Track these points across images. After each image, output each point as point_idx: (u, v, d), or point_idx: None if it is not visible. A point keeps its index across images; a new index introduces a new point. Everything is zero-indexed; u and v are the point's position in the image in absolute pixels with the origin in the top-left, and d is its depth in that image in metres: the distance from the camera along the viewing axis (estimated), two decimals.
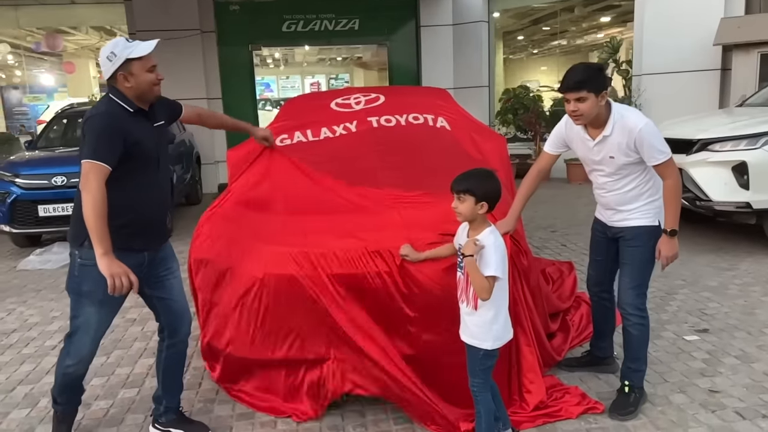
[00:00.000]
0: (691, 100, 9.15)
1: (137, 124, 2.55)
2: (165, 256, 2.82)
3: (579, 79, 2.76)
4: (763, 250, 5.57)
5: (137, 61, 2.52)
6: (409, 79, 11.46)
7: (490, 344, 2.46)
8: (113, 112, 2.51)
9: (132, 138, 2.48)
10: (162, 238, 2.80)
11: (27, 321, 4.68)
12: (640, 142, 2.73)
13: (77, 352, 2.66)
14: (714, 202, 5.45)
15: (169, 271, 2.83)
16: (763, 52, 8.46)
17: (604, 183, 2.98)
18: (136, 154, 2.51)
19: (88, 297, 2.57)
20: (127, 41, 2.56)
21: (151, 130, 2.64)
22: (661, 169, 2.77)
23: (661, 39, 9.57)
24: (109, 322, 2.70)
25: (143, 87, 2.56)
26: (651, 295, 4.51)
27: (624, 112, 2.82)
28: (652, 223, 2.91)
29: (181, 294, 2.89)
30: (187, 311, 2.92)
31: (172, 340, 2.88)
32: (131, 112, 2.55)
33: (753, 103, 6.67)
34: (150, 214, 2.65)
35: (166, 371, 2.92)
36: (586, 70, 2.81)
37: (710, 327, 3.94)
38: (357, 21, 11.56)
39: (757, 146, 5.29)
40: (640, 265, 2.94)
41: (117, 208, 2.43)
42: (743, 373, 3.29)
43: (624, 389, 3.01)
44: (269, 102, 21.51)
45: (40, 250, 6.53)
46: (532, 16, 12.80)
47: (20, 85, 14.40)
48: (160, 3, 10.33)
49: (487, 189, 2.42)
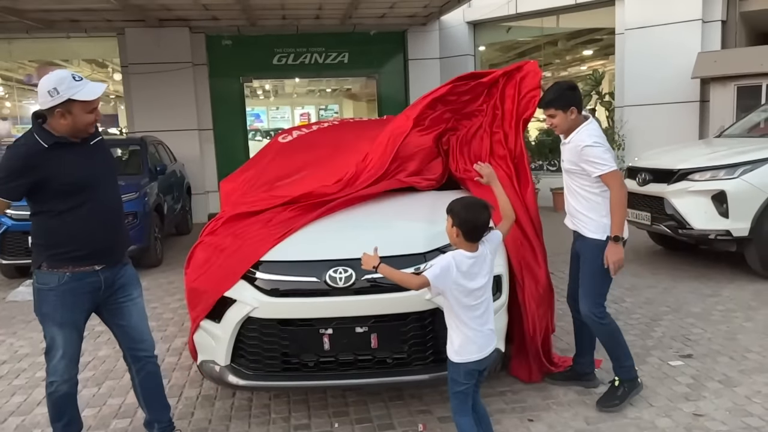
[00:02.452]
0: (672, 130, 9.42)
1: (59, 157, 2.55)
2: (125, 282, 2.86)
3: (548, 99, 3.27)
4: (745, 277, 5.70)
5: (80, 103, 2.51)
6: (398, 110, 11.61)
7: (452, 356, 2.55)
8: (28, 149, 2.54)
9: (50, 171, 2.52)
10: (119, 256, 2.82)
11: (17, 352, 4.67)
12: (583, 156, 3.14)
13: (54, 369, 2.73)
14: (695, 230, 5.60)
15: (128, 298, 2.87)
16: (740, 84, 8.77)
17: (565, 182, 3.39)
18: (60, 185, 2.55)
19: (49, 318, 2.68)
20: (73, 78, 2.51)
21: (84, 158, 2.64)
22: (605, 179, 3.13)
23: (642, 72, 9.88)
24: (76, 339, 2.75)
25: (79, 126, 2.58)
26: (636, 321, 4.63)
27: (583, 129, 3.21)
28: (600, 238, 3.21)
29: (141, 320, 2.92)
30: (146, 335, 2.95)
31: (137, 365, 2.94)
32: (46, 148, 2.54)
33: (731, 134, 6.89)
34: (97, 236, 2.67)
35: (146, 394, 2.98)
36: (555, 90, 3.28)
37: (694, 352, 4.03)
38: (347, 54, 11.80)
39: (735, 176, 5.46)
40: (591, 277, 3.27)
41: (62, 236, 2.59)
42: (726, 397, 3.38)
43: (614, 383, 3.34)
44: (259, 132, 21.71)
45: (29, 282, 6.51)
46: (517, 49, 13.11)
47: (9, 116, 14.45)
48: (153, 36, 10.51)
49: (464, 216, 2.49)
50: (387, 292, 2.97)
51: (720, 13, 9.40)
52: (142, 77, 10.45)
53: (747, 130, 6.86)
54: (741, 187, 5.42)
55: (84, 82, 2.54)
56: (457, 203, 2.55)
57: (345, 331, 3.01)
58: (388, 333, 3.04)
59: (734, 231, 5.45)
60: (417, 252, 3.01)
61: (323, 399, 3.57)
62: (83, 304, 2.71)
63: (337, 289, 2.96)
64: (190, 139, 10.87)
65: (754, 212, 5.41)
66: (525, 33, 12.12)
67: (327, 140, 4.56)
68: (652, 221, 6.02)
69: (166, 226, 8.17)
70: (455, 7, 10.59)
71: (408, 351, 3.06)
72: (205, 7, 9.53)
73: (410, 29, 11.77)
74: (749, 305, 4.94)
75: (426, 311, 3.01)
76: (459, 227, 2.50)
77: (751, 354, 3.96)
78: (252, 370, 3.09)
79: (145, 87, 10.33)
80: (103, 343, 4.71)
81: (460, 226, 2.50)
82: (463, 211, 2.51)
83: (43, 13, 9.54)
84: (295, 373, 3.09)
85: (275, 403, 3.56)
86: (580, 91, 3.38)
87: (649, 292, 5.42)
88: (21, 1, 8.63)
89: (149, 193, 7.40)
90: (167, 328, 5.08)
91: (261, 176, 4.18)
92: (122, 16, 9.74)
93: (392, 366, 3.08)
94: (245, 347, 3.09)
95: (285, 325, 3.04)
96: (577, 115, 3.23)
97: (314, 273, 3.00)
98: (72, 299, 2.67)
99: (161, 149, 9.23)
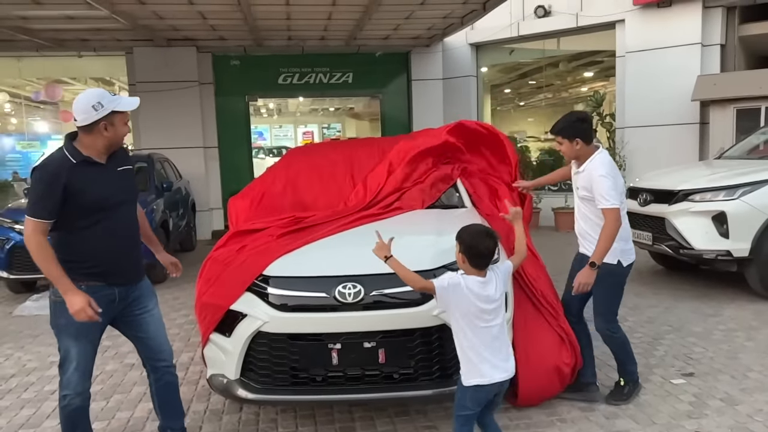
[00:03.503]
0: (672, 151, 9.53)
1: (85, 174, 2.67)
2: (140, 294, 2.94)
3: (557, 128, 3.52)
4: (745, 297, 5.76)
5: (120, 114, 2.72)
6: (401, 129, 11.80)
7: (462, 377, 2.61)
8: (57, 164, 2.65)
9: (75, 187, 2.63)
10: (132, 276, 2.90)
11: (25, 366, 4.72)
12: (594, 186, 3.36)
13: (67, 382, 2.78)
14: (696, 250, 5.66)
15: (145, 310, 2.95)
16: (739, 107, 8.89)
17: (577, 206, 3.61)
18: (82, 202, 2.66)
19: (65, 330, 2.75)
20: (110, 94, 2.72)
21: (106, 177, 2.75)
22: (604, 212, 3.35)
23: (642, 94, 10.03)
24: (90, 352, 2.81)
25: (119, 137, 2.76)
26: (638, 340, 4.68)
27: (597, 158, 3.44)
28: (611, 261, 3.42)
29: (158, 330, 3.00)
30: (165, 346, 3.03)
31: (155, 374, 3.02)
32: (74, 164, 2.66)
33: (730, 156, 6.99)
34: (112, 255, 2.76)
35: (162, 401, 3.06)
36: (565, 120, 3.52)
37: (696, 371, 4.08)
38: (351, 74, 11.98)
39: (735, 197, 5.54)
40: (603, 297, 3.54)
41: (78, 251, 2.68)
42: (728, 415, 3.42)
43: (620, 382, 3.66)
44: (262, 150, 21.87)
45: (36, 296, 6.59)
46: (519, 70, 13.29)
47: (15, 132, 14.61)
48: (160, 56, 10.69)
49: (469, 243, 2.60)
50: (395, 308, 3.04)
51: (719, 37, 9.56)
52: (149, 95, 10.59)
53: (746, 152, 6.96)
54: (741, 208, 5.49)
55: (119, 96, 2.75)
56: (464, 231, 2.67)
57: (353, 346, 3.06)
58: (396, 348, 3.09)
59: (734, 251, 5.52)
60: (425, 269, 3.07)
61: (330, 414, 3.62)
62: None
63: (346, 304, 3.03)
64: (195, 156, 11.00)
65: (754, 233, 5.48)
66: (527, 55, 12.31)
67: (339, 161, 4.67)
68: (654, 241, 6.09)
69: (171, 242, 8.24)
70: (458, 30, 10.77)
71: (415, 366, 3.11)
72: (213, 28, 9.72)
73: (414, 50, 11.96)
74: (750, 325, 4.99)
75: (433, 327, 3.06)
76: (464, 253, 2.61)
77: (753, 373, 4.00)
78: (261, 384, 3.14)
79: (152, 105, 10.48)
80: (110, 358, 4.76)
81: (465, 252, 2.61)
82: (468, 238, 2.62)
83: (53, 33, 9.72)
84: (303, 387, 3.14)
85: (282, 418, 3.61)
86: (590, 122, 3.60)
87: (651, 312, 5.47)
88: (33, 20, 8.81)
89: (155, 210, 7.49)
90: (174, 343, 5.07)
91: (271, 199, 4.28)
92: (131, 35, 9.92)
93: (399, 381, 3.13)
94: (255, 361, 3.15)
95: (294, 339, 3.10)
96: (584, 146, 3.45)
97: (323, 288, 3.07)
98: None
99: (167, 166, 9.34)
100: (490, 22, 10.79)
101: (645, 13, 9.96)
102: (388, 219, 3.92)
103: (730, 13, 9.60)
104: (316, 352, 3.10)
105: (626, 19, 10.19)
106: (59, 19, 8.69)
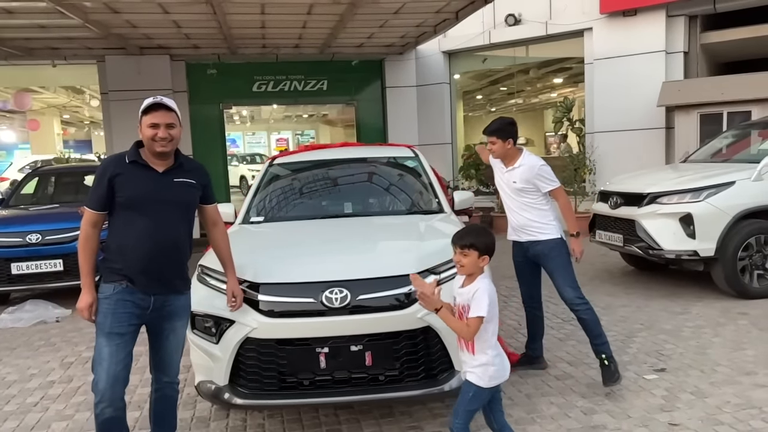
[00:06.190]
0: (640, 155, 9.82)
1: (132, 173, 2.78)
2: (173, 311, 2.91)
3: (492, 128, 3.94)
4: (712, 295, 5.98)
5: (144, 116, 2.80)
6: (376, 136, 11.92)
7: (486, 383, 2.66)
8: (111, 160, 2.88)
9: (117, 183, 2.74)
10: (170, 287, 2.88)
11: (5, 379, 4.67)
12: (539, 173, 3.87)
13: (96, 386, 2.74)
14: (664, 250, 5.87)
15: (171, 329, 2.93)
16: (702, 112, 9.23)
17: (510, 202, 4.01)
18: (118, 198, 2.75)
19: (100, 327, 2.77)
20: (150, 99, 2.83)
21: (152, 182, 2.81)
22: (554, 194, 3.92)
23: (610, 99, 10.32)
24: (121, 356, 2.73)
25: (145, 140, 2.83)
26: (612, 338, 4.82)
27: (528, 154, 3.97)
28: (556, 236, 3.91)
29: (175, 351, 3.00)
30: (174, 365, 3.02)
31: (157, 385, 3.05)
32: (126, 162, 2.81)
33: (695, 160, 7.26)
34: (142, 258, 2.75)
35: (158, 413, 3.07)
36: (499, 123, 3.97)
37: (667, 366, 4.25)
38: (325, 82, 12.06)
39: (700, 199, 5.78)
40: (563, 269, 3.90)
41: (111, 248, 2.80)
42: (698, 408, 3.58)
43: (603, 362, 3.82)
44: (236, 157, 21.76)
45: (12, 309, 6.48)
46: (490, 77, 13.55)
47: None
48: (133, 64, 10.62)
49: (487, 243, 2.67)
50: (381, 311, 3.13)
51: (682, 44, 9.91)
52: (121, 104, 10.52)
53: (710, 156, 7.23)
54: (706, 210, 5.72)
55: (152, 98, 2.84)
56: (471, 237, 2.66)
57: (340, 350, 3.14)
58: (382, 351, 3.17)
59: (701, 251, 5.74)
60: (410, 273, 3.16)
61: (316, 417, 3.68)
62: (131, 318, 2.76)
63: (333, 309, 3.10)
64: None
65: (719, 233, 5.70)
66: (498, 62, 12.56)
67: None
68: (625, 242, 6.29)
69: None
70: (431, 38, 10.94)
71: (400, 368, 3.20)
72: (187, 36, 9.70)
73: (387, 58, 12.09)
74: (717, 321, 5.20)
75: (418, 329, 3.16)
76: (488, 254, 2.66)
77: (720, 367, 4.19)
78: (250, 390, 3.19)
79: (125, 113, 10.36)
80: None
81: (488, 252, 2.66)
82: (483, 238, 2.67)
83: (22, 41, 9.59)
84: (292, 391, 3.20)
85: (269, 423, 3.66)
86: (517, 126, 4.05)
87: (623, 311, 5.66)
88: (3, 29, 8.68)
89: None
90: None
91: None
92: (103, 44, 9.84)
93: (385, 383, 3.21)
94: (244, 367, 3.20)
95: (283, 344, 3.16)
96: (513, 146, 3.95)
97: (311, 294, 3.14)
98: (122, 311, 2.73)
99: None
100: (462, 31, 10.98)
101: (612, 21, 10.27)
102: (373, 225, 4.02)
103: (692, 21, 9.96)
104: (304, 357, 3.17)
105: (594, 28, 10.49)
106: (30, 27, 8.59)
